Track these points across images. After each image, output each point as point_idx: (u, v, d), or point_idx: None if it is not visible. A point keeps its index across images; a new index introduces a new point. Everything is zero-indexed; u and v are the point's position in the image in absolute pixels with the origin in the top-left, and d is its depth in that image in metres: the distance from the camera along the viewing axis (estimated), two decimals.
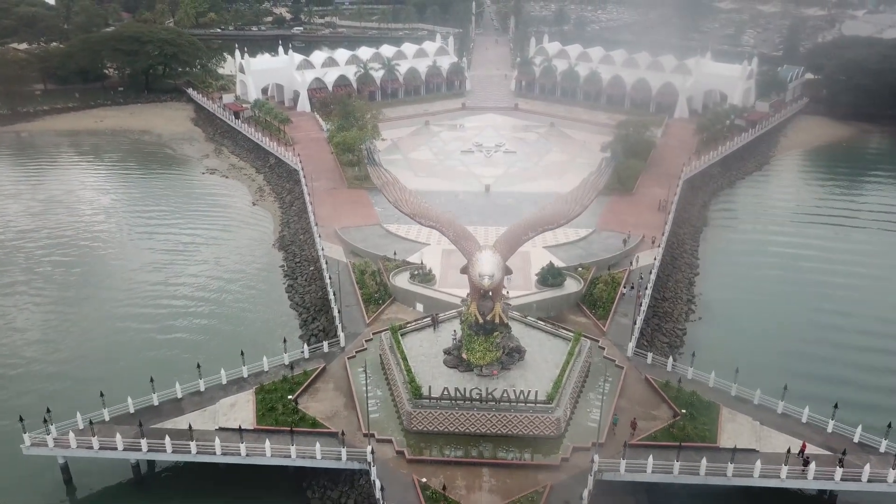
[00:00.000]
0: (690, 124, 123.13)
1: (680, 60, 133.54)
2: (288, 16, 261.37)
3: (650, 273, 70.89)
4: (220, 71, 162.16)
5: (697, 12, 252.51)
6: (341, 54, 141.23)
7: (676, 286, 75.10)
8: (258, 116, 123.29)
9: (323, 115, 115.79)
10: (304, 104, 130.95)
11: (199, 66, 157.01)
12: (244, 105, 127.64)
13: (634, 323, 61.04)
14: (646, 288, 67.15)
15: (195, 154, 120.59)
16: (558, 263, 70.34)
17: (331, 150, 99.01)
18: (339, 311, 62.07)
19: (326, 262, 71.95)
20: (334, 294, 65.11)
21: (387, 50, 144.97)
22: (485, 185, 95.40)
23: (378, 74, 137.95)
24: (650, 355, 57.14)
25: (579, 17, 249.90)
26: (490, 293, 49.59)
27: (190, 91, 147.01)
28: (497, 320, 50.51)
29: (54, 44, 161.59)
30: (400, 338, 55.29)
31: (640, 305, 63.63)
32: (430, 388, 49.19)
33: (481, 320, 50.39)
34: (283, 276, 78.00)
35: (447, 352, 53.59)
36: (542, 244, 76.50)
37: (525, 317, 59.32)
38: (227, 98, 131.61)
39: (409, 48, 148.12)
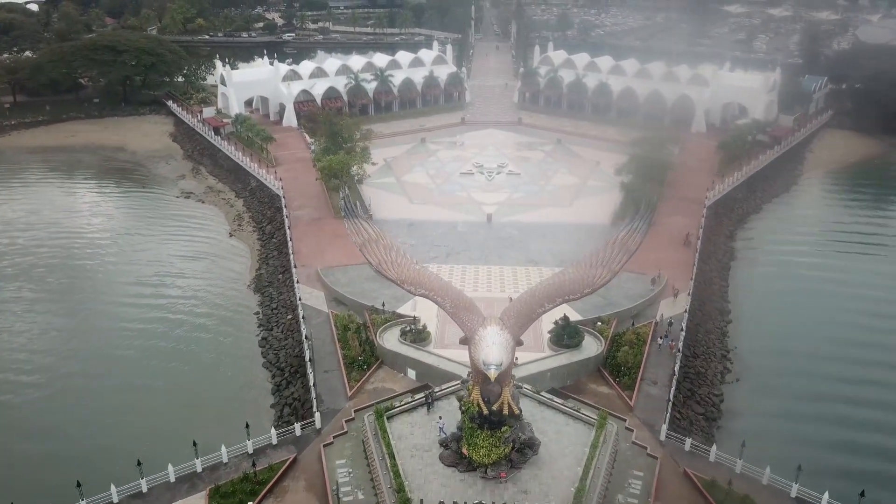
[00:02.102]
0: (709, 140, 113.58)
1: (695, 70, 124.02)
2: (280, 21, 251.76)
3: (680, 323, 61.38)
4: (208, 80, 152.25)
5: (705, 17, 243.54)
6: (331, 64, 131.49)
7: (708, 338, 65.24)
8: (239, 132, 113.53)
9: (309, 132, 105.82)
10: (290, 118, 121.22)
11: (181, 77, 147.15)
12: (225, 120, 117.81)
13: (668, 399, 51.20)
14: (677, 346, 57.49)
15: (171, 174, 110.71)
16: (573, 316, 60.42)
17: (317, 173, 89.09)
18: (314, 384, 52.16)
19: (304, 317, 62.15)
20: (311, 360, 55.27)
21: (380, 59, 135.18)
22: (486, 215, 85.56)
23: (371, 86, 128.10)
24: (688, 441, 47.33)
25: (583, 21, 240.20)
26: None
27: (170, 104, 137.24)
28: (506, 411, 40.72)
29: (27, 53, 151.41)
30: (387, 424, 45.43)
31: (674, 374, 53.87)
32: (422, 502, 39.34)
33: (486, 411, 40.62)
34: (256, 325, 68.04)
35: (444, 444, 43.73)
36: None
37: (538, 391, 49.48)
38: (208, 112, 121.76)
39: (404, 57, 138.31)
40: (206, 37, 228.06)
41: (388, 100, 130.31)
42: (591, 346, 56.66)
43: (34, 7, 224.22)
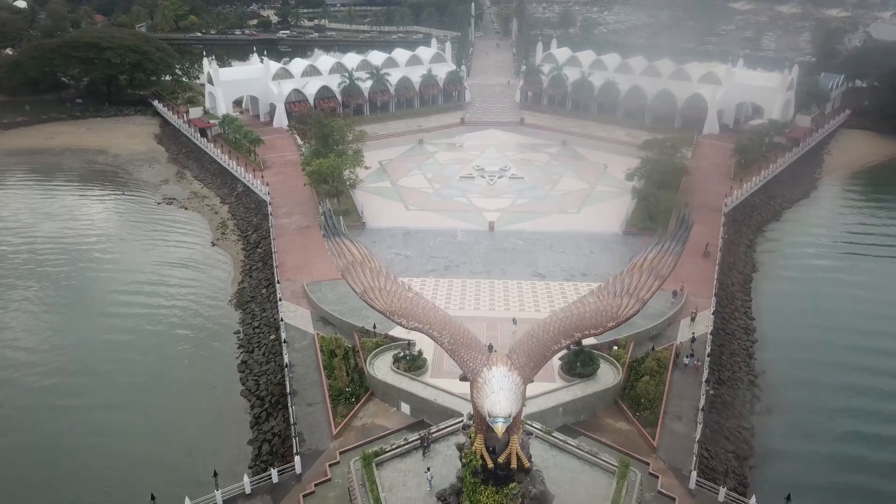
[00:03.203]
0: (722, 142, 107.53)
1: (707, 68, 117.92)
2: (275, 19, 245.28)
3: (704, 345, 55.53)
4: (201, 78, 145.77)
5: (711, 14, 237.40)
6: (324, 62, 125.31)
7: (733, 361, 59.12)
8: (227, 134, 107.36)
9: (300, 133, 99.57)
10: (281, 119, 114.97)
11: (168, 75, 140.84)
12: (211, 121, 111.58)
13: (696, 438, 45.11)
14: (703, 367, 51.56)
15: (154, 178, 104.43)
16: (586, 340, 54.25)
17: (306, 178, 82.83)
18: (294, 423, 46.03)
19: (286, 341, 56.07)
20: (292, 392, 49.17)
21: (376, 57, 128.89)
22: (488, 223, 79.39)
23: (366, 85, 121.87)
24: (722, 490, 41.20)
25: (585, 19, 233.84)
26: None
27: (156, 104, 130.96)
28: (514, 464, 34.58)
29: (7, 51, 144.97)
30: (375, 473, 39.34)
31: (700, 408, 47.79)
32: None
33: (490, 463, 34.51)
34: (237, 345, 61.90)
35: (441, 498, 37.59)
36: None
37: (549, 430, 43.37)
38: (195, 112, 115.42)
39: (401, 55, 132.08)
40: (199, 34, 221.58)
41: (384, 99, 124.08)
42: (608, 375, 50.51)
43: (22, 4, 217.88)
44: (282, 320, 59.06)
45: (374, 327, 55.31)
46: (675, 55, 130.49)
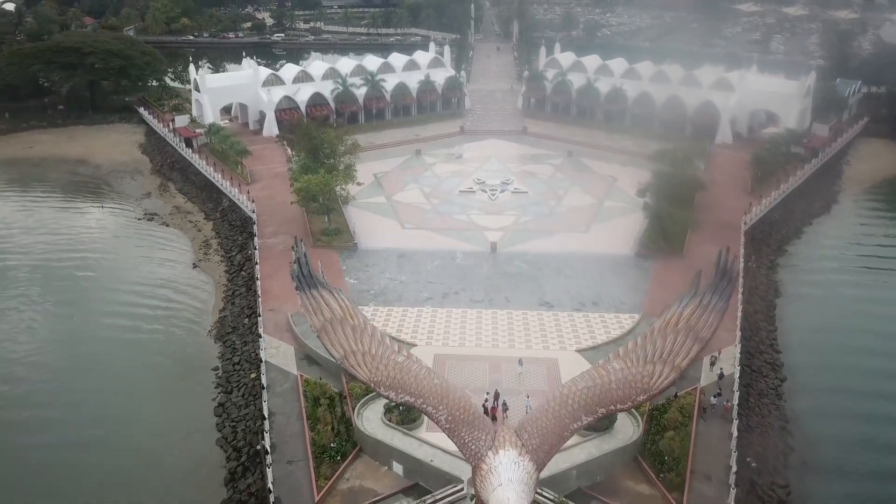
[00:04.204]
0: (736, 152, 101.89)
1: (719, 73, 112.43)
2: (270, 21, 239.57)
3: (731, 387, 49.97)
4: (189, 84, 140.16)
5: (717, 15, 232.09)
6: (317, 67, 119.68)
7: (761, 404, 53.37)
8: (213, 144, 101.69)
9: (290, 144, 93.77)
10: (270, 128, 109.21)
11: (155, 81, 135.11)
12: (198, 130, 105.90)
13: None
14: (732, 407, 46.07)
15: (135, 191, 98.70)
16: None
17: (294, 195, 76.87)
18: (271, 488, 40.31)
19: (267, 385, 50.40)
20: (270, 449, 43.44)
21: (371, 62, 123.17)
22: (490, 243, 73.67)
23: (360, 92, 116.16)
24: None
25: (588, 21, 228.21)
26: None
27: (142, 111, 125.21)
28: None
29: None
30: None
31: (732, 466, 42.13)
32: None
33: None
34: (214, 384, 56.20)
35: None
36: (573, 344, 55.01)
37: (560, 499, 37.68)
38: (181, 120, 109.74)
39: (397, 60, 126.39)
40: (191, 37, 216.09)
41: (379, 107, 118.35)
42: (626, 428, 44.79)
43: (10, 6, 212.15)
44: (263, 360, 53.31)
45: None
46: (682, 59, 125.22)
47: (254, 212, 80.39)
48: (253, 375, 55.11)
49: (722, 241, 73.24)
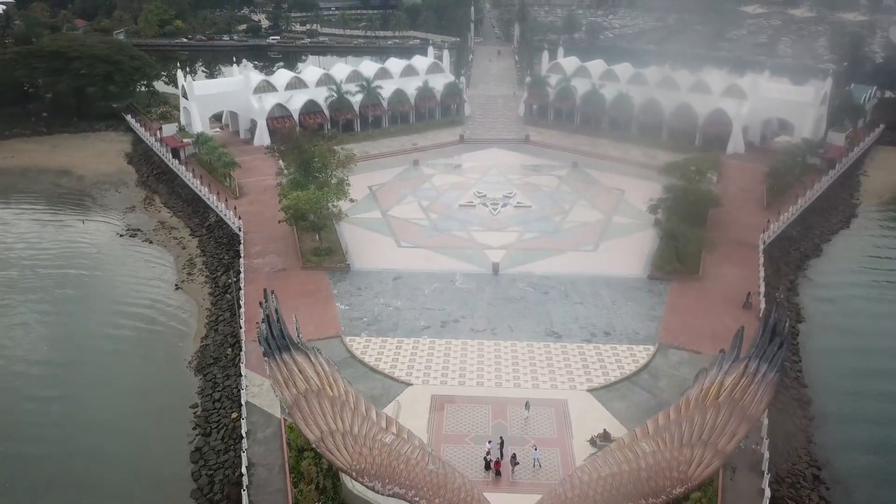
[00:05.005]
0: (749, 163, 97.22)
1: (729, 79, 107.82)
2: (266, 23, 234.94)
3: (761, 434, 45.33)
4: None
5: (721, 18, 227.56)
6: (311, 73, 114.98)
7: (790, 448, 48.65)
8: (200, 155, 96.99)
9: (281, 155, 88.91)
10: (262, 137, 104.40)
11: (143, 86, 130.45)
12: (185, 140, 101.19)
13: None
14: (761, 450, 41.39)
15: (119, 204, 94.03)
16: (617, 431, 44.01)
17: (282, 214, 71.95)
18: None
19: (247, 432, 45.67)
20: None
21: (368, 67, 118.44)
22: (492, 264, 68.94)
23: (356, 99, 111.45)
24: None
25: (590, 23, 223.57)
26: None
27: (129, 118, 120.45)
28: None
29: None
30: None
31: None
32: None
33: None
34: (192, 425, 51.44)
35: None
36: (584, 382, 50.33)
37: None
38: (168, 129, 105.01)
39: (394, 65, 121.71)
40: (185, 40, 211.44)
41: (376, 114, 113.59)
42: None
43: (1, 9, 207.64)
44: (245, 400, 48.61)
45: None
46: (688, 62, 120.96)
47: (241, 229, 75.66)
48: (234, 415, 50.48)
49: (739, 261, 69.56)
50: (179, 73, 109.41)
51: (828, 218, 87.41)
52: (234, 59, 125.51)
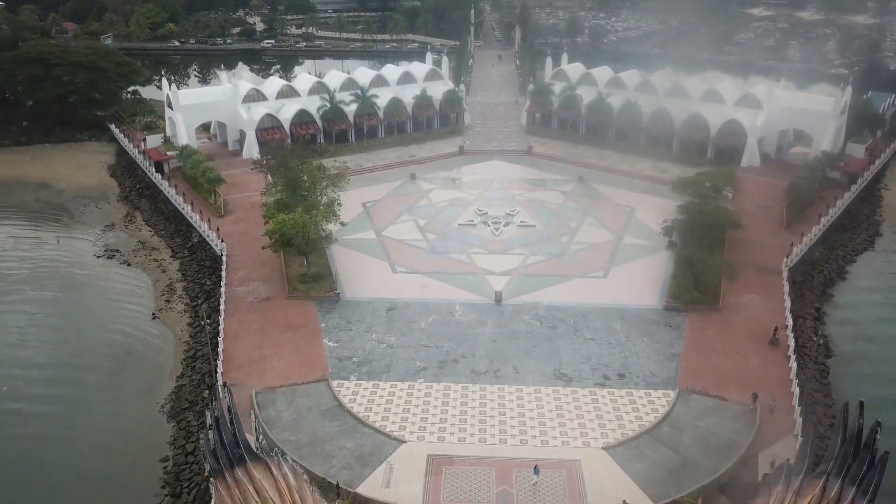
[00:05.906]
0: (765, 176, 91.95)
1: (743, 87, 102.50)
2: (261, 26, 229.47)
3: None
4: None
5: (726, 20, 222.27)
6: (303, 81, 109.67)
7: None
8: (185, 169, 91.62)
9: (269, 170, 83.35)
10: (251, 149, 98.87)
11: (129, 93, 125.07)
12: (169, 153, 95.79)
13: None
14: None
15: (99, 222, 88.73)
16: (637, 495, 38.69)
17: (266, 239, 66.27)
18: None
19: None
20: None
21: (363, 75, 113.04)
22: (494, 292, 63.52)
23: (350, 108, 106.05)
24: None
25: (593, 26, 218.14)
26: None
27: (113, 128, 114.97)
28: None
29: None
30: None
31: None
32: None
33: None
34: (161, 483, 46.09)
35: None
36: (598, 437, 44.95)
37: None
38: (153, 141, 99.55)
39: (391, 72, 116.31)
40: (177, 43, 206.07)
41: (371, 124, 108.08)
42: None
43: None
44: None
45: (338, 487, 39.25)
46: (696, 68, 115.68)
47: (223, 252, 70.29)
48: (207, 472, 45.03)
49: (761, 288, 64.06)
50: (164, 82, 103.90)
51: (851, 237, 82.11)
52: (223, 65, 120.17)
